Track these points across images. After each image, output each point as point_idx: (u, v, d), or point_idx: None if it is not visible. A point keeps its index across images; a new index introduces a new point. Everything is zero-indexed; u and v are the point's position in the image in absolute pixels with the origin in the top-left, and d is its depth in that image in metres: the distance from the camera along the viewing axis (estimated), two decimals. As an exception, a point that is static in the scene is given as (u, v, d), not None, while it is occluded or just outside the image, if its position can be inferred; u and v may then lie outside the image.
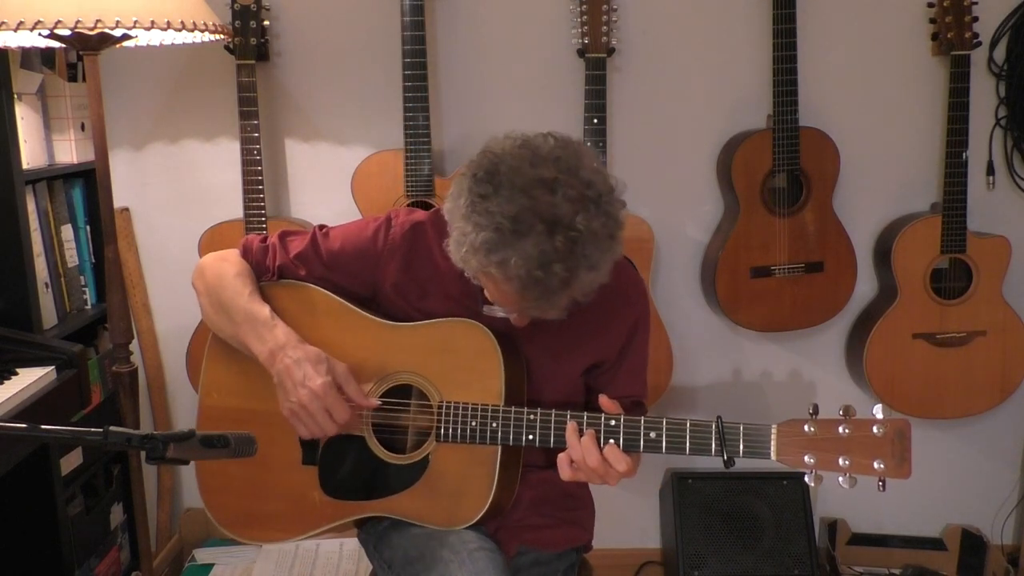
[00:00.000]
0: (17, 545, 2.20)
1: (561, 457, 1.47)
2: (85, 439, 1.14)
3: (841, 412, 1.41)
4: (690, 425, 1.45)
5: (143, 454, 1.15)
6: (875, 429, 1.39)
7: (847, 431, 1.40)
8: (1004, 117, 2.56)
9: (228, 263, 1.67)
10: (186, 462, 1.20)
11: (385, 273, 1.65)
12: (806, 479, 1.42)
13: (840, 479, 1.41)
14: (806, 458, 1.41)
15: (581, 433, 1.46)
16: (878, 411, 1.40)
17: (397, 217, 1.67)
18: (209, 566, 2.65)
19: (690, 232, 2.65)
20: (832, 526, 2.73)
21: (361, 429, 1.62)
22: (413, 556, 1.55)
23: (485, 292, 1.49)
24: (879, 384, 2.51)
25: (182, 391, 2.72)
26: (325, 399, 1.51)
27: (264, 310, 1.60)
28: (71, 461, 2.31)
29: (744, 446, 1.44)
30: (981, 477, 2.77)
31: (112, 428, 1.13)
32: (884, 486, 1.40)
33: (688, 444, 1.46)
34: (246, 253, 1.70)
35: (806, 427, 1.41)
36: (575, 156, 1.40)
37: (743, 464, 2.67)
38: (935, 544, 2.74)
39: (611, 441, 1.46)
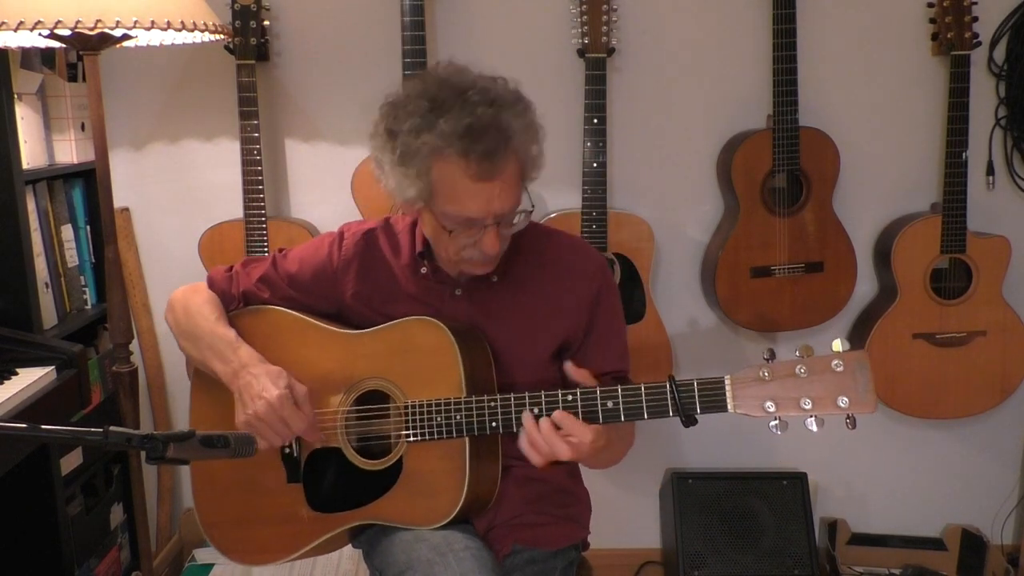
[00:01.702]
0: (17, 545, 2.20)
1: (523, 446, 1.47)
2: (85, 439, 1.14)
3: (798, 352, 1.35)
4: (645, 389, 1.44)
5: (143, 454, 1.15)
6: (834, 364, 1.32)
7: (805, 371, 1.33)
8: (1004, 117, 2.56)
9: (195, 294, 1.73)
10: (186, 462, 1.21)
11: (344, 286, 1.69)
12: (771, 427, 1.35)
13: (807, 421, 1.34)
14: (766, 405, 1.34)
15: (613, 417, 1.45)
16: (836, 344, 1.33)
17: (349, 229, 1.72)
18: (209, 566, 2.65)
19: (690, 232, 2.65)
20: (832, 526, 2.73)
21: (338, 441, 1.62)
22: (401, 561, 1.55)
23: (447, 253, 1.56)
24: (879, 384, 2.49)
25: (182, 391, 2.72)
26: (281, 410, 1.53)
27: (229, 333, 1.64)
28: (71, 461, 2.31)
29: (700, 402, 1.39)
30: (981, 477, 2.77)
31: (112, 428, 1.13)
32: (853, 423, 1.34)
33: (645, 408, 1.43)
34: (212, 284, 1.75)
35: (762, 372, 1.35)
36: (460, 68, 1.56)
37: (743, 464, 2.70)
38: (935, 544, 2.74)
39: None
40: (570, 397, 1.48)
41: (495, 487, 1.62)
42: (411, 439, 1.56)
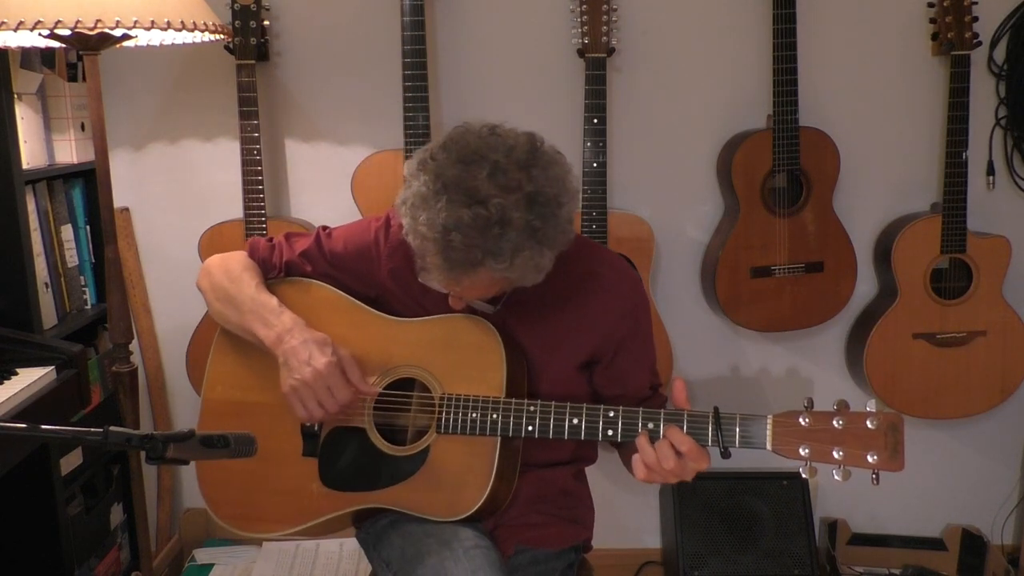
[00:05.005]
0: (17, 545, 2.20)
1: (635, 459, 1.48)
2: (85, 439, 1.14)
3: (835, 406, 1.43)
4: (687, 416, 1.47)
5: (143, 454, 1.15)
6: (869, 422, 1.41)
7: (841, 423, 1.41)
8: (1004, 117, 2.56)
9: (234, 260, 1.72)
10: (186, 462, 1.20)
11: (385, 268, 1.68)
12: (800, 471, 1.43)
13: (834, 471, 1.42)
14: (801, 449, 1.42)
15: (653, 437, 1.47)
16: (871, 405, 1.42)
17: (395, 218, 1.68)
18: (209, 566, 2.65)
19: (690, 232, 2.65)
20: (832, 526, 2.73)
21: (362, 421, 1.62)
22: (410, 554, 1.55)
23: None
24: (879, 384, 2.51)
25: (182, 391, 2.72)
26: (329, 378, 1.54)
27: (271, 299, 1.64)
28: (71, 461, 2.31)
29: (740, 436, 1.44)
30: (981, 477, 2.77)
31: (112, 428, 1.13)
32: (878, 479, 1.41)
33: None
34: (252, 252, 1.74)
35: (801, 419, 1.42)
36: (535, 155, 1.42)
37: (743, 464, 2.70)
38: (935, 544, 2.74)
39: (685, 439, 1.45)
40: (611, 413, 1.50)
41: (511, 491, 1.62)
42: (442, 430, 1.56)
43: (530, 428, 1.52)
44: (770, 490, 2.64)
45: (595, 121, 2.38)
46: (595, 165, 2.39)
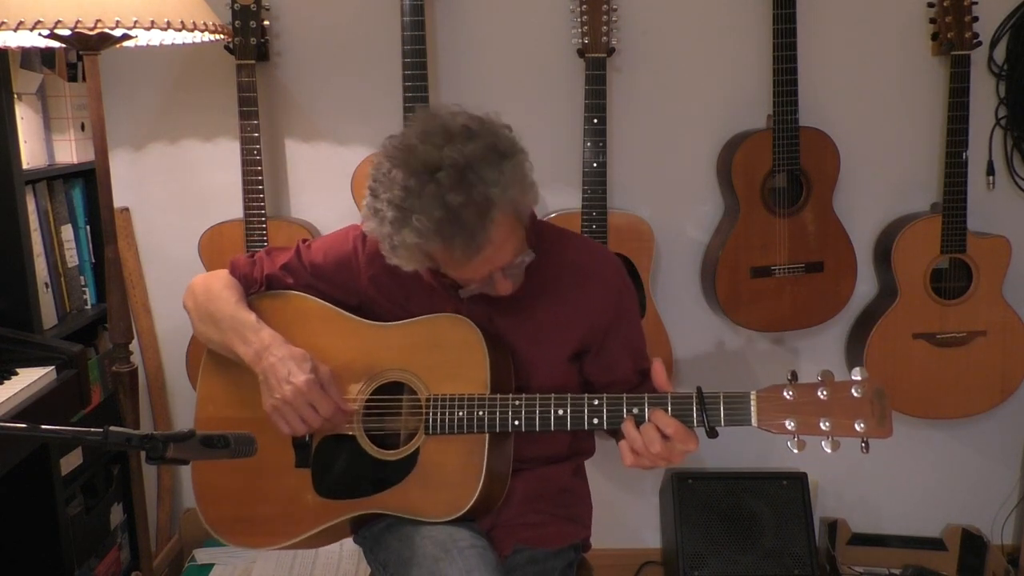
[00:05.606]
0: (17, 545, 2.20)
1: (622, 445, 1.48)
2: (85, 439, 1.14)
3: (819, 376, 1.42)
4: (671, 398, 1.46)
5: (143, 454, 1.15)
6: (854, 391, 1.39)
7: (826, 394, 1.40)
8: (1004, 117, 2.56)
9: (216, 279, 1.73)
10: (186, 462, 1.21)
11: (366, 276, 1.69)
12: (788, 445, 1.42)
13: (823, 443, 1.40)
14: (787, 423, 1.41)
15: (639, 421, 1.47)
16: (856, 373, 1.40)
17: None
18: (209, 566, 2.65)
19: (690, 232, 2.65)
20: (832, 526, 2.73)
21: (352, 428, 1.63)
22: (406, 556, 1.55)
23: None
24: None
25: (182, 391, 2.73)
26: (309, 394, 1.54)
27: (250, 316, 1.64)
28: (71, 461, 2.31)
29: (725, 414, 1.44)
30: (981, 477, 2.77)
31: (112, 428, 1.13)
32: (867, 447, 1.40)
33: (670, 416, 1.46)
34: (234, 269, 1.75)
35: (785, 392, 1.41)
36: (434, 118, 1.49)
37: (743, 464, 2.69)
38: (935, 544, 2.74)
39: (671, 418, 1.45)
40: (596, 402, 1.50)
41: (505, 488, 1.62)
42: (431, 431, 1.57)
43: (516, 422, 1.53)
44: (770, 490, 2.64)
45: (595, 121, 2.38)
46: (595, 165, 2.39)
